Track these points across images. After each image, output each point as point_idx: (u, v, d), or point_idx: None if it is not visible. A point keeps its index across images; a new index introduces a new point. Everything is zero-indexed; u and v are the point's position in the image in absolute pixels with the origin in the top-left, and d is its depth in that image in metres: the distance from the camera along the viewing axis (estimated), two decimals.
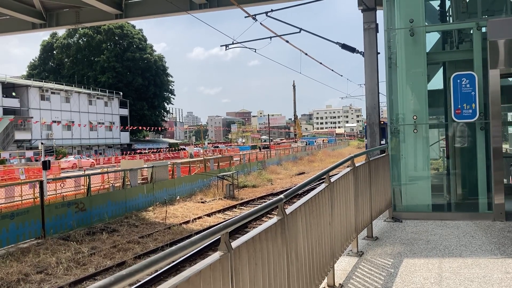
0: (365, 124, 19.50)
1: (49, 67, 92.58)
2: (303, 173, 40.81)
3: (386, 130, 34.06)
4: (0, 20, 21.73)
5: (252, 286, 3.06)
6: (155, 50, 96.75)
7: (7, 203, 17.89)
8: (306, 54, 22.84)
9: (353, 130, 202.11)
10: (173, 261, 11.18)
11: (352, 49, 19.62)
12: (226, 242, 2.77)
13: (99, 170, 32.28)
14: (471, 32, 8.94)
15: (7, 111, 61.47)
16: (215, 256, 2.69)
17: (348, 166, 6.19)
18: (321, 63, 25.22)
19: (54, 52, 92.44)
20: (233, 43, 20.60)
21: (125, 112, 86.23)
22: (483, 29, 8.54)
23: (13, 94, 64.76)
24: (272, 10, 17.66)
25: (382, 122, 32.25)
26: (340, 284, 5.21)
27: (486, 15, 9.55)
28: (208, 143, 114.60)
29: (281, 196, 3.74)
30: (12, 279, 10.92)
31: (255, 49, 21.32)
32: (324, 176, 5.03)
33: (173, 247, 2.35)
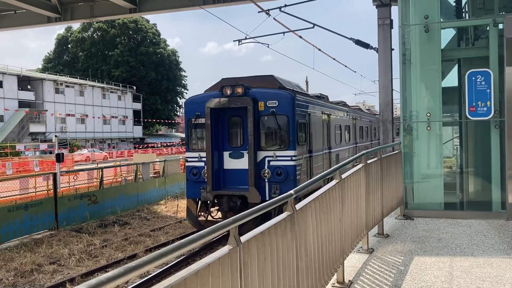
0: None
1: (64, 60, 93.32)
2: None
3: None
4: (16, 13, 21.96)
5: (261, 280, 3.07)
6: (169, 45, 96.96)
7: (22, 194, 18.14)
8: (319, 49, 22.70)
9: None
10: (183, 255, 11.24)
11: (366, 45, 19.47)
12: (235, 236, 2.78)
13: (112, 164, 32.52)
14: (488, 28, 8.81)
15: (22, 103, 62.17)
16: (224, 249, 2.69)
17: (360, 163, 6.16)
18: (334, 59, 25.07)
19: (69, 45, 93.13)
20: (246, 38, 20.56)
21: (138, 106, 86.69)
22: (500, 26, 8.41)
23: (28, 87, 65.47)
24: (285, 5, 17.59)
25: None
26: (349, 280, 5.19)
27: (503, 12, 9.40)
28: None
29: (291, 191, 3.73)
30: (25, 269, 11.08)
31: (268, 44, 21.22)
32: (336, 172, 5.01)
33: (182, 240, 2.36)
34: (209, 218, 12.25)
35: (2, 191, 17.07)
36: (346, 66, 28.84)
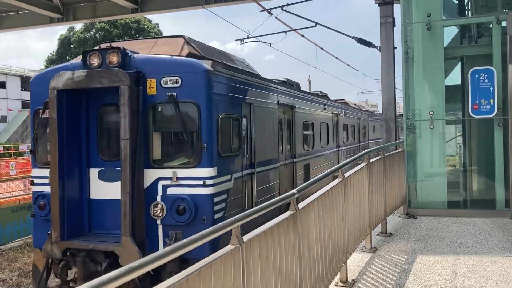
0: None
1: (67, 61, 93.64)
2: None
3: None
4: (19, 14, 22.03)
5: (264, 280, 3.06)
6: None
7: (25, 195, 18.19)
8: (321, 48, 22.65)
9: None
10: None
11: (368, 44, 19.41)
12: (237, 235, 2.77)
13: None
14: (491, 26, 8.78)
15: (25, 104, 62.39)
16: (226, 249, 2.69)
17: (362, 162, 6.14)
18: (336, 58, 25.00)
19: (71, 46, 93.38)
20: (248, 38, 20.54)
21: None
22: (503, 23, 8.38)
23: None
24: (287, 4, 17.55)
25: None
26: (353, 279, 5.18)
27: (506, 9, 9.36)
28: None
29: (294, 190, 3.72)
30: (29, 269, 11.11)
31: (270, 44, 21.19)
32: (338, 171, 5.00)
33: (184, 240, 2.35)
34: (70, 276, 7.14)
35: (5, 192, 17.12)
36: (348, 65, 28.79)
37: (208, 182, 6.52)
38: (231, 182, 7.15)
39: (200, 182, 6.51)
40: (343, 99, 20.76)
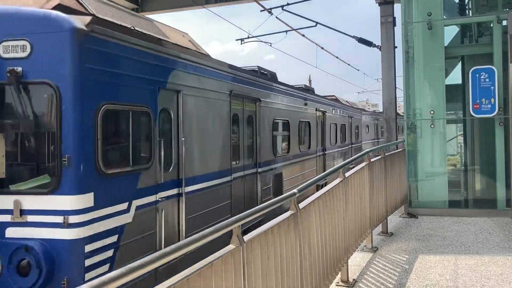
0: None
1: None
2: None
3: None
4: None
5: (264, 280, 3.05)
6: None
7: None
8: (322, 48, 22.63)
9: None
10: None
11: (369, 43, 19.39)
12: (238, 235, 2.76)
13: None
14: (491, 25, 8.78)
15: None
16: (227, 249, 2.68)
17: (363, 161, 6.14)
18: (337, 57, 24.98)
19: None
20: (248, 37, 20.53)
21: None
22: (504, 23, 8.38)
23: None
24: (288, 4, 17.55)
25: None
26: (354, 279, 5.17)
27: (507, 8, 9.36)
28: None
29: (294, 190, 3.72)
30: None
31: (271, 43, 21.16)
32: (339, 171, 5.00)
33: (185, 240, 2.35)
34: None
35: None
36: (349, 65, 28.77)
37: (73, 219, 4.01)
38: (128, 214, 4.67)
39: (59, 219, 4.01)
40: (333, 95, 18.86)
